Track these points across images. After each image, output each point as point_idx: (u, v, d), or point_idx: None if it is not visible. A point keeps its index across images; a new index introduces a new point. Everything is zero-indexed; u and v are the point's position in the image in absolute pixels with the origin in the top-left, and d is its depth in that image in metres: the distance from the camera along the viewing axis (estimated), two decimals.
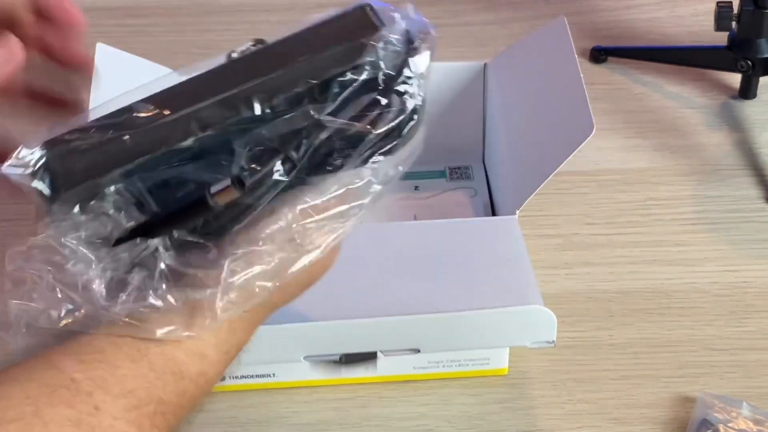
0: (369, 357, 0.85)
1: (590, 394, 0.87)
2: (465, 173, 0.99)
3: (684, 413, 0.85)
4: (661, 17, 1.18)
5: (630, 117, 1.08)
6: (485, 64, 0.97)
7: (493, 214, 0.96)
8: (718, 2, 1.04)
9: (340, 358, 0.84)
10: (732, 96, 1.10)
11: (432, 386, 0.87)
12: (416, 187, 0.98)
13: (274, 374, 0.86)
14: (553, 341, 0.81)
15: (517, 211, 0.85)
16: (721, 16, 1.03)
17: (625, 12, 1.18)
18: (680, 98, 1.10)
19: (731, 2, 1.04)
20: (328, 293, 0.79)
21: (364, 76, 0.63)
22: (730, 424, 0.83)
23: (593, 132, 0.82)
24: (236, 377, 0.86)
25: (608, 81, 1.12)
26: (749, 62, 1.06)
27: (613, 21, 1.18)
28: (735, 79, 1.10)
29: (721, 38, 1.06)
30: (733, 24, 1.04)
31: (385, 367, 0.86)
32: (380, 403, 0.86)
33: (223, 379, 0.85)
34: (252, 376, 0.86)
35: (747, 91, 1.09)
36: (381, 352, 0.80)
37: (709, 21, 1.06)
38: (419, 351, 0.80)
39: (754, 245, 0.97)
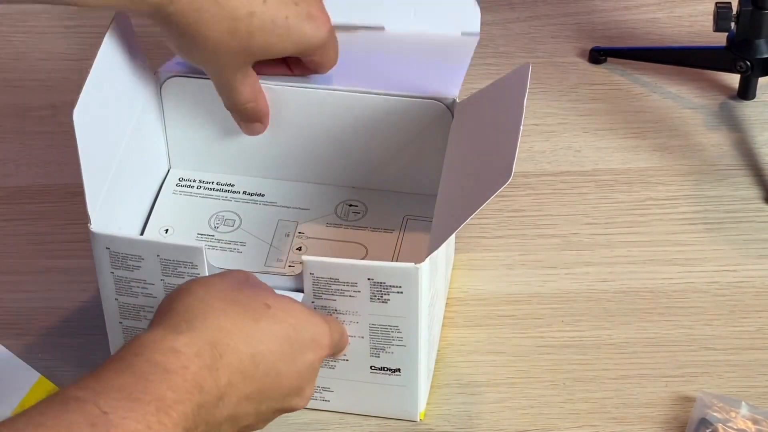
0: None
1: (589, 394, 0.87)
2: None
3: (683, 413, 0.85)
4: (660, 18, 1.18)
5: (629, 117, 1.08)
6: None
7: None
8: (717, 3, 1.04)
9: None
10: (731, 96, 1.10)
11: (431, 385, 0.87)
12: None
13: None
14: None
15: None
16: (720, 17, 1.03)
17: (625, 12, 1.18)
18: (679, 98, 1.10)
19: (730, 3, 1.04)
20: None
21: None
22: (728, 424, 0.83)
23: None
24: None
25: (607, 81, 1.12)
26: (748, 63, 1.06)
27: (612, 21, 1.18)
28: (734, 79, 1.10)
29: (720, 39, 1.06)
30: (732, 24, 1.04)
31: None
32: None
33: None
34: None
35: (746, 92, 1.09)
36: None
37: (708, 21, 1.06)
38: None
39: (752, 245, 0.97)
